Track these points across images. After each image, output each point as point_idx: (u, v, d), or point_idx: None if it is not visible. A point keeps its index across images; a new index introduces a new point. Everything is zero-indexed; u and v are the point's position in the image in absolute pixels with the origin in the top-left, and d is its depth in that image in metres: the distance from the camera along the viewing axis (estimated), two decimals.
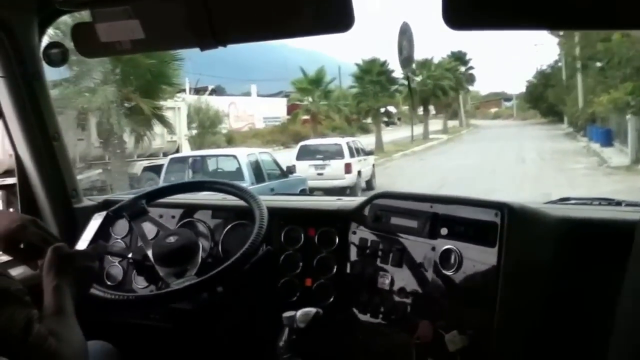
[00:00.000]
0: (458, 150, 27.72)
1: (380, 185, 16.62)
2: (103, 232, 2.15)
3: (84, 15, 2.00)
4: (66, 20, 2.62)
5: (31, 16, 2.07)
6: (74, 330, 1.31)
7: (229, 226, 2.16)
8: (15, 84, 2.09)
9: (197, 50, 1.88)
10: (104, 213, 2.11)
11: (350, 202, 2.18)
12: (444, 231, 1.78)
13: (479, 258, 1.68)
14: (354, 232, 2.01)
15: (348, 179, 16.33)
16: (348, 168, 16.84)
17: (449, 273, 1.73)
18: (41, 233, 1.57)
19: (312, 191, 13.08)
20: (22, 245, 1.56)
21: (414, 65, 34.80)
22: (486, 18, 1.54)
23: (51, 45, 2.11)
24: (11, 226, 1.53)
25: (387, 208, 1.96)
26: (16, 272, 1.72)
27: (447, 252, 1.75)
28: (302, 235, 2.09)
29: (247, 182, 11.05)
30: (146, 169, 15.53)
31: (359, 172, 17.07)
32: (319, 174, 16.50)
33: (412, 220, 1.86)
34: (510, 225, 1.64)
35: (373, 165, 18.84)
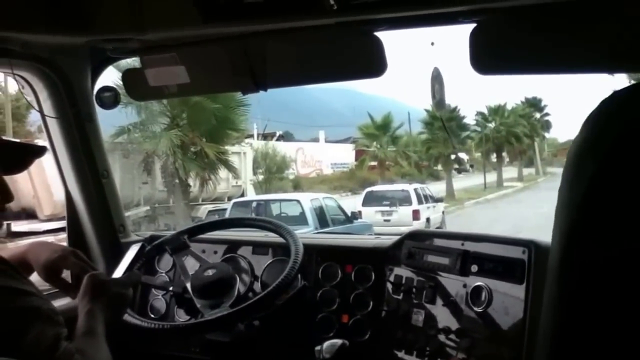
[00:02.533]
0: (534, 198, 26.79)
1: None
2: (148, 267, 2.26)
3: (134, 60, 2.15)
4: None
5: (84, 62, 2.21)
6: (101, 352, 1.37)
7: (269, 262, 2.22)
8: (68, 125, 2.22)
9: (265, 95, 2.02)
10: (139, 244, 2.20)
11: (386, 240, 2.21)
12: (474, 268, 1.81)
13: (508, 295, 1.70)
14: (390, 269, 2.05)
15: (416, 226, 16.08)
16: (416, 215, 16.66)
17: (479, 309, 1.75)
18: (80, 263, 1.64)
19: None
20: (62, 275, 1.64)
21: (486, 111, 34.42)
22: (511, 63, 1.67)
23: (104, 88, 2.25)
24: (52, 256, 1.60)
25: (420, 246, 1.99)
26: (59, 303, 1.80)
27: (478, 288, 1.77)
28: (339, 272, 2.13)
29: (310, 227, 11.11)
30: (210, 212, 15.91)
31: (428, 219, 16.85)
32: (385, 220, 16.39)
33: (444, 257, 1.89)
34: (537, 263, 1.65)
35: (443, 213, 18.54)
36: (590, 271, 0.70)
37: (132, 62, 2.34)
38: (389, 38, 1.82)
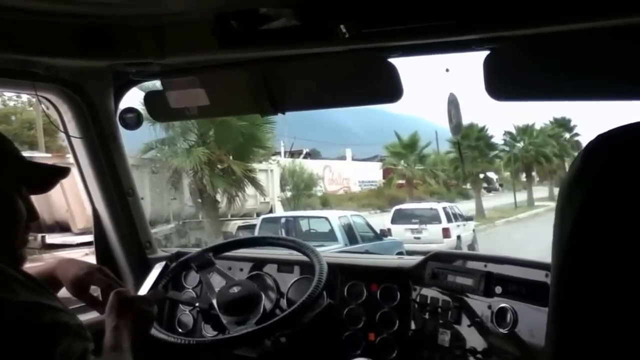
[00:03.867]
0: None
1: (484, 250, 15.95)
2: (175, 282, 2.29)
3: (156, 83, 2.21)
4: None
5: (107, 84, 2.26)
6: None
7: (295, 279, 2.24)
8: (92, 144, 2.28)
9: (291, 114, 2.07)
10: (163, 262, 2.23)
11: (409, 260, 2.23)
12: (498, 289, 1.81)
13: (533, 317, 1.70)
14: (415, 289, 2.06)
15: (447, 244, 16.04)
16: (446, 233, 16.54)
17: (505, 331, 1.76)
18: (106, 280, 1.69)
19: (410, 255, 12.76)
20: (89, 291, 1.68)
21: (514, 131, 34.10)
22: (525, 90, 1.69)
23: (127, 110, 2.31)
24: (79, 273, 1.66)
25: (444, 267, 2.00)
26: (86, 317, 1.85)
27: (503, 310, 1.78)
28: (365, 290, 2.14)
29: (340, 244, 11.08)
30: (240, 227, 15.99)
31: (459, 237, 16.70)
32: (416, 238, 16.27)
33: (468, 278, 1.90)
34: None
35: (474, 231, 18.32)
36: (584, 288, 0.76)
37: (152, 84, 2.40)
38: (413, 59, 1.84)
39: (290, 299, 2.19)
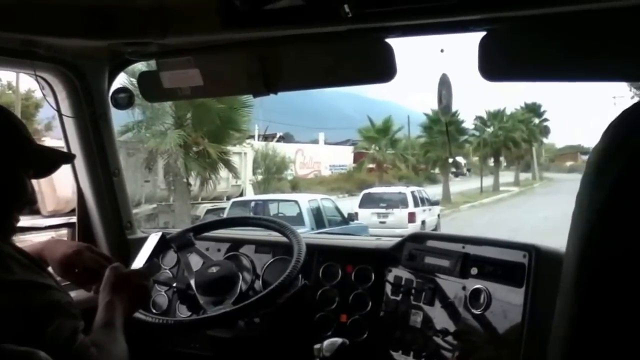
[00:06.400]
0: (530, 203, 26.84)
1: None
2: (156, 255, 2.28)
3: (150, 63, 2.21)
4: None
5: (103, 64, 2.27)
6: (118, 343, 1.41)
7: (271, 260, 2.25)
8: (84, 124, 2.28)
9: (267, 97, 2.07)
10: (159, 233, 2.23)
11: (387, 241, 2.23)
12: (474, 271, 1.82)
13: (507, 298, 1.71)
14: (390, 270, 2.07)
15: (411, 228, 16.02)
16: (412, 217, 16.68)
17: (478, 312, 1.76)
18: (96, 257, 1.70)
19: None
20: (77, 270, 1.68)
21: (484, 116, 34.53)
22: (519, 71, 1.70)
23: (119, 90, 2.31)
24: (68, 252, 1.65)
25: (422, 248, 2.02)
26: (74, 294, 1.85)
27: (477, 291, 1.78)
28: (340, 272, 2.15)
29: (307, 227, 11.15)
30: (209, 211, 15.95)
31: (423, 222, 16.89)
32: (381, 222, 16.43)
33: (445, 259, 1.91)
34: (538, 267, 1.67)
35: (438, 216, 18.60)
36: (609, 275, 0.71)
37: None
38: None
39: (265, 280, 2.20)
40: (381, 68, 1.84)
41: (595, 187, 0.74)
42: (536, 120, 42.13)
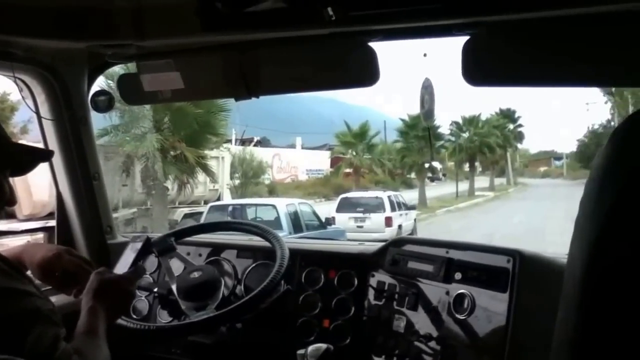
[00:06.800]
0: (505, 208, 27.14)
1: None
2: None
3: (130, 66, 2.18)
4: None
5: (82, 66, 2.24)
6: (100, 351, 1.38)
7: (253, 265, 2.23)
8: (63, 127, 2.25)
9: (245, 101, 2.05)
10: (144, 236, 2.20)
11: (371, 246, 2.22)
12: (457, 276, 1.82)
13: (491, 303, 1.70)
14: (372, 275, 2.06)
15: (388, 233, 16.16)
16: (388, 222, 16.76)
17: (461, 317, 1.76)
18: (76, 260, 1.67)
19: None
20: (57, 274, 1.64)
21: (460, 121, 34.93)
22: (502, 76, 1.71)
23: (99, 92, 2.29)
24: (47, 255, 1.63)
25: (405, 253, 2.01)
26: (54, 298, 1.82)
27: (461, 296, 1.77)
28: (322, 277, 2.14)
29: (284, 232, 11.12)
30: (186, 215, 15.86)
31: (400, 226, 16.97)
32: (358, 227, 16.47)
33: (429, 264, 1.90)
34: (522, 272, 1.67)
35: (415, 220, 18.70)
36: (618, 280, 0.69)
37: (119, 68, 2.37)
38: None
39: (247, 285, 2.19)
40: (364, 72, 1.83)
41: (601, 192, 0.73)
42: (511, 126, 42.70)
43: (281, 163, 32.69)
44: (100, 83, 2.40)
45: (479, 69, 1.68)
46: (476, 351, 1.72)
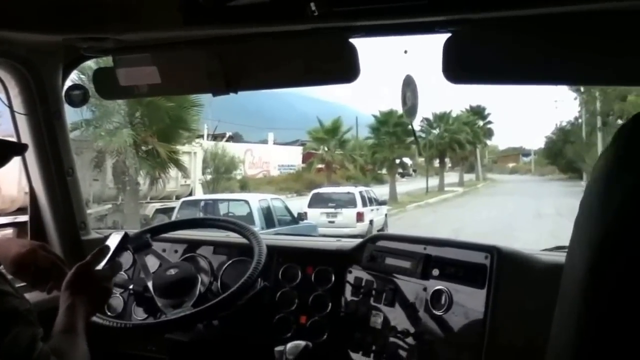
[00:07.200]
0: (473, 203, 27.49)
1: None
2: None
3: (106, 60, 2.14)
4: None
5: (57, 60, 2.19)
6: (79, 349, 1.35)
7: (230, 262, 2.22)
8: (37, 121, 2.21)
9: (217, 97, 2.01)
10: (122, 232, 2.16)
11: (348, 242, 2.23)
12: (435, 272, 1.83)
13: (468, 299, 1.72)
14: (350, 272, 2.06)
15: (359, 228, 16.25)
16: (360, 217, 16.83)
17: (439, 313, 1.77)
18: (50, 257, 1.65)
19: None
20: (31, 270, 1.62)
21: (431, 118, 35.28)
22: (483, 73, 1.71)
23: (73, 87, 2.24)
24: (21, 251, 1.60)
25: (383, 249, 2.01)
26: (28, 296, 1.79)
27: (438, 292, 1.79)
28: (300, 273, 2.14)
29: (257, 227, 11.10)
30: (158, 211, 15.74)
31: (371, 222, 17.05)
32: (330, 222, 16.52)
33: (406, 261, 1.91)
34: (500, 268, 1.68)
35: (386, 215, 18.81)
36: (624, 284, 0.68)
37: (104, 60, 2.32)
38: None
39: (224, 282, 2.17)
40: (345, 68, 1.82)
41: (608, 192, 0.72)
42: (480, 123, 43.20)
43: (253, 158, 32.53)
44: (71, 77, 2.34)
45: (460, 67, 1.67)
46: (454, 347, 1.73)
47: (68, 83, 2.26)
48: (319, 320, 2.05)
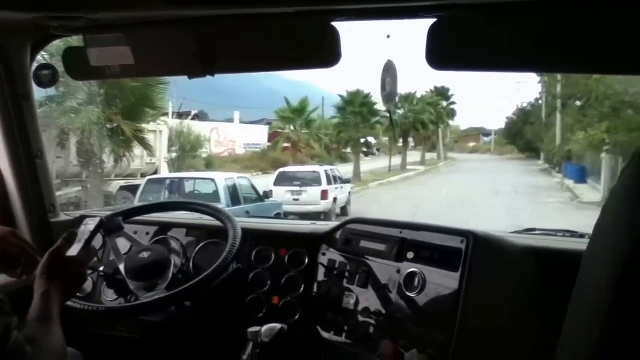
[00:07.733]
0: (434, 181, 27.89)
1: (354, 212, 16.69)
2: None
3: (76, 39, 2.07)
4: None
5: (25, 39, 2.12)
6: (55, 337, 1.33)
7: (202, 244, 2.21)
8: (5, 102, 2.14)
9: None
10: (96, 219, 2.13)
11: (324, 226, 2.24)
12: (410, 255, 1.83)
13: (442, 282, 1.72)
14: (324, 254, 2.07)
15: (323, 205, 16.50)
16: (324, 195, 16.95)
17: (412, 295, 1.77)
18: (20, 243, 1.62)
19: (287, 215, 13.16)
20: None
21: (397, 99, 35.48)
22: (466, 60, 1.67)
23: (42, 66, 2.18)
24: None
25: (358, 232, 2.02)
26: None
27: (412, 274, 1.79)
28: (273, 255, 2.14)
29: (223, 205, 11.09)
30: (122, 188, 15.55)
31: (335, 199, 17.20)
32: (295, 200, 16.61)
33: (381, 244, 1.92)
34: (475, 252, 1.69)
35: (349, 193, 18.98)
36: None
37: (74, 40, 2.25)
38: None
39: (196, 264, 2.18)
40: (326, 52, 1.78)
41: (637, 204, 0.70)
42: (444, 103, 43.67)
43: (219, 137, 32.15)
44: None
45: (444, 53, 1.63)
46: (426, 327, 1.73)
47: (36, 63, 2.20)
48: (292, 301, 2.06)
